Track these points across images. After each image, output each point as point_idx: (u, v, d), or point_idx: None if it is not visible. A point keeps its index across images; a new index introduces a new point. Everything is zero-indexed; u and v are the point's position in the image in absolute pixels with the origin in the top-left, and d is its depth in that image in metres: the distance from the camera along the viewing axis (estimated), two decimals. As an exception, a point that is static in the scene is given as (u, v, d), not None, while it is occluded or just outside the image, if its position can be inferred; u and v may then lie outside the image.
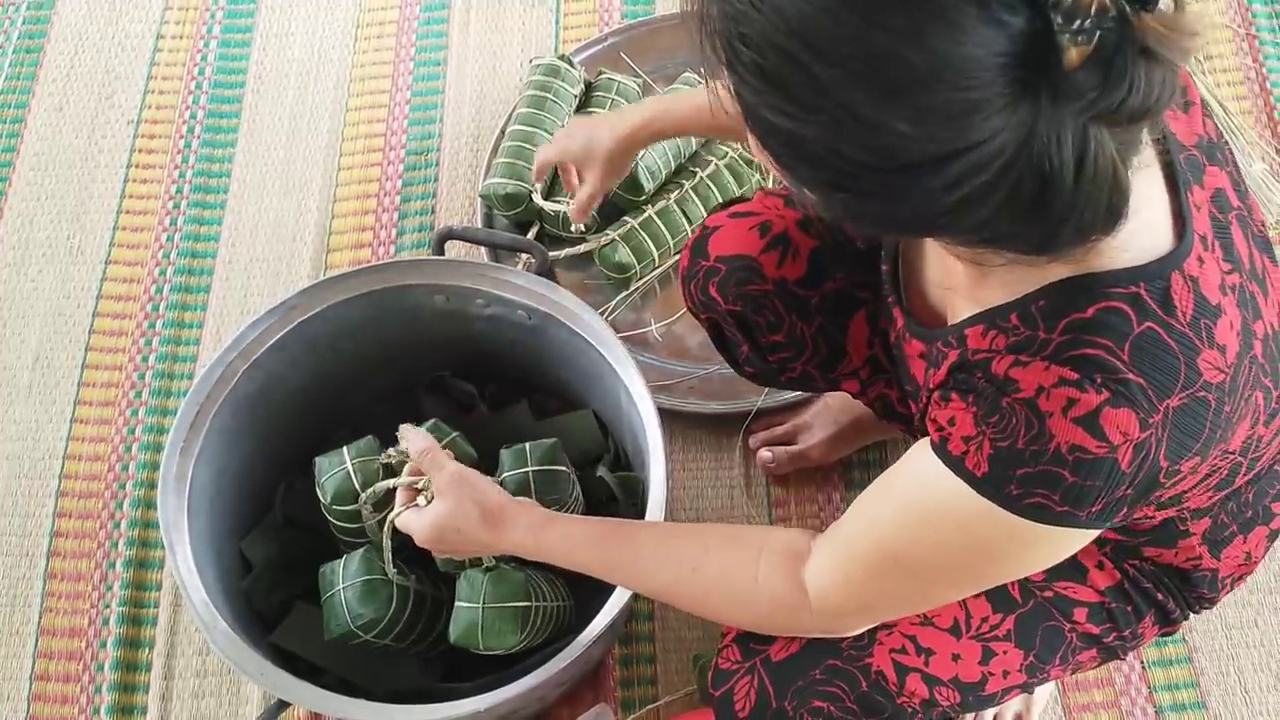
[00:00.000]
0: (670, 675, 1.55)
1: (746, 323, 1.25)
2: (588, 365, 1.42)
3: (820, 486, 1.67)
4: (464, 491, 1.14)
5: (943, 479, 0.86)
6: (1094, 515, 0.83)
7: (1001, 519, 0.84)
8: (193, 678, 1.57)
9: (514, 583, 1.26)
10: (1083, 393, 0.79)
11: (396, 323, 1.46)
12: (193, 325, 1.81)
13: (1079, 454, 0.80)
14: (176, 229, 1.89)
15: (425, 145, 1.95)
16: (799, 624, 1.07)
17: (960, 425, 0.85)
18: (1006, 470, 0.82)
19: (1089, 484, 0.81)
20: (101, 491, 1.68)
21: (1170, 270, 0.81)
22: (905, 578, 0.96)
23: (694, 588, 1.07)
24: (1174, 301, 0.81)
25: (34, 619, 1.61)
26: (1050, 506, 0.82)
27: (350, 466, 1.33)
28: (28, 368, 1.78)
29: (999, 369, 0.83)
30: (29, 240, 1.89)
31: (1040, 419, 0.80)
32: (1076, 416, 0.79)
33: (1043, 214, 0.71)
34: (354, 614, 1.30)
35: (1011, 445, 0.81)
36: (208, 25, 2.09)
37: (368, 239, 1.87)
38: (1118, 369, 0.79)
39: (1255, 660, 1.55)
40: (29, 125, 1.99)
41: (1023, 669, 1.13)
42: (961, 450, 0.85)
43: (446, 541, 1.15)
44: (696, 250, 1.25)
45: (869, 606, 1.04)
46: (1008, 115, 0.67)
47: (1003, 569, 0.95)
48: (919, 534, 0.91)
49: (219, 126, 1.98)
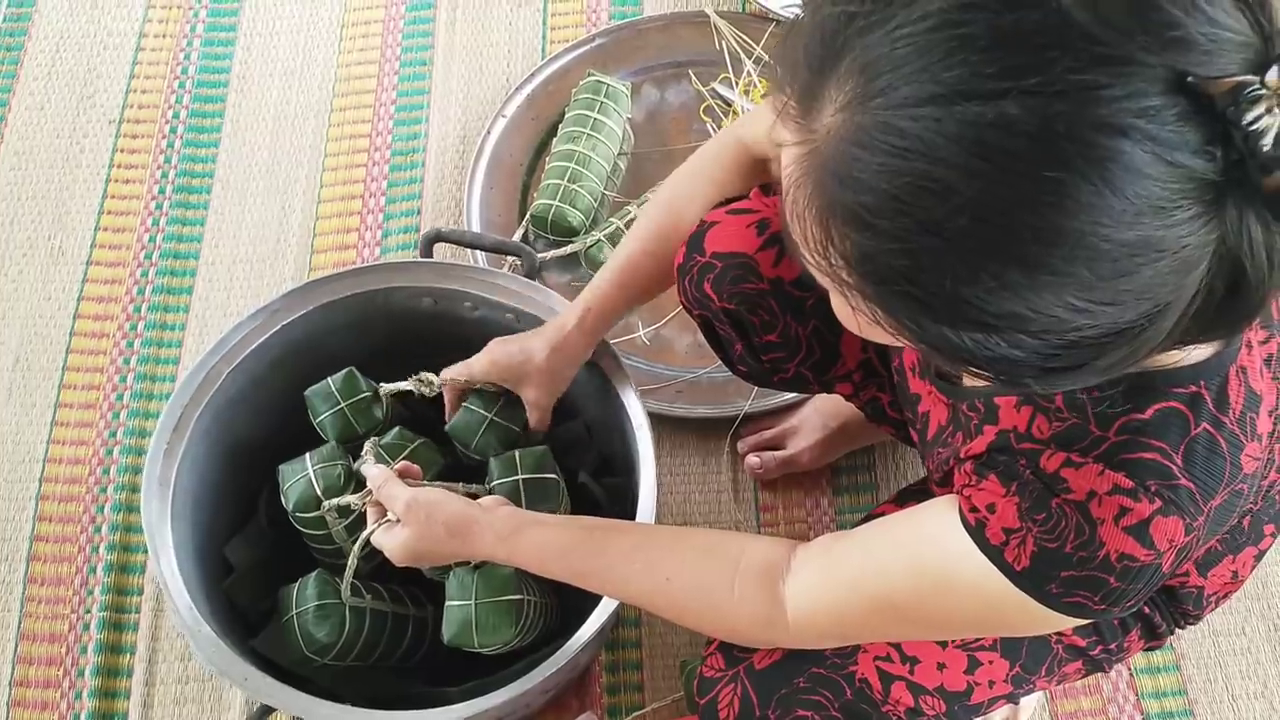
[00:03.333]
0: (657, 682, 1.54)
1: (741, 321, 1.23)
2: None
3: (808, 491, 1.66)
4: (423, 513, 1.13)
5: (972, 558, 0.85)
6: (1126, 609, 0.83)
7: (1032, 608, 0.84)
8: (175, 684, 1.55)
9: (504, 577, 1.25)
10: (1137, 502, 0.78)
11: (383, 325, 1.44)
12: (175, 327, 1.79)
13: (1127, 562, 0.79)
14: (159, 230, 1.87)
15: (411, 146, 1.94)
16: (774, 639, 1.06)
17: (1002, 515, 0.83)
18: (1050, 570, 0.81)
19: (1131, 587, 0.81)
20: (82, 495, 1.66)
21: (1228, 365, 0.80)
22: (900, 624, 0.96)
23: (668, 598, 1.07)
24: (1229, 398, 0.80)
25: (13, 624, 1.59)
26: (1088, 605, 0.82)
27: (311, 474, 1.32)
28: (7, 369, 1.76)
29: (1049, 465, 0.82)
30: (9, 240, 1.86)
31: (1091, 525, 0.79)
32: (1128, 526, 0.78)
33: (1237, 312, 0.68)
34: (308, 639, 1.28)
35: (1059, 548, 0.80)
36: (191, 24, 2.07)
37: (353, 240, 1.86)
38: (1171, 474, 0.78)
39: (1242, 668, 1.55)
40: (9, 124, 1.97)
41: (1008, 679, 1.12)
42: (1001, 540, 0.83)
43: (423, 558, 1.16)
44: (692, 245, 1.23)
45: (852, 639, 1.05)
46: (1207, 249, 0.63)
47: (1011, 634, 0.95)
48: (934, 598, 0.90)
49: (202, 126, 1.97)
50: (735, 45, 1.96)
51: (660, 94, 1.96)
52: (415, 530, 1.13)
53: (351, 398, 1.38)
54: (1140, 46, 0.59)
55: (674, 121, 1.94)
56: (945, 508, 0.89)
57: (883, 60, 0.63)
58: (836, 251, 0.68)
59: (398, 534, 1.15)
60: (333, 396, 1.38)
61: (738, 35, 1.96)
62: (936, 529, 0.89)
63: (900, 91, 0.62)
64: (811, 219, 0.69)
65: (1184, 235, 0.62)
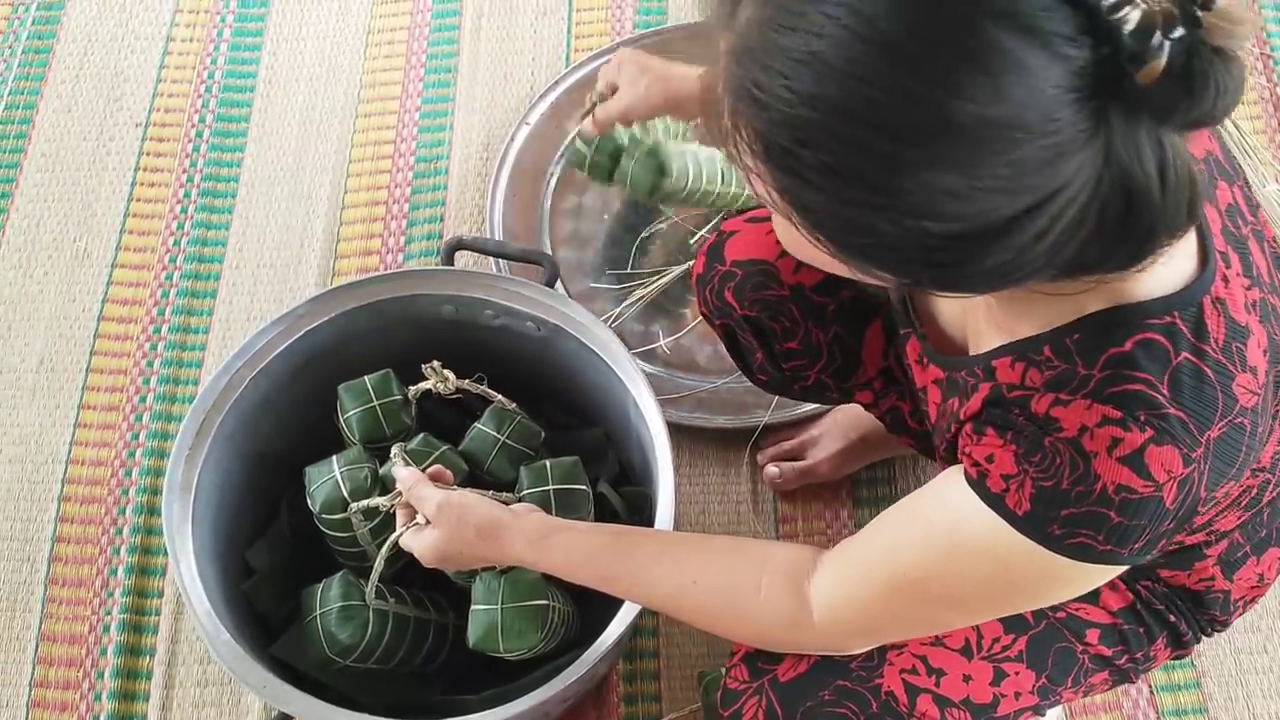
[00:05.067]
0: (674, 693, 1.54)
1: (762, 329, 1.24)
2: (596, 378, 1.42)
3: (828, 503, 1.66)
4: (455, 514, 1.13)
5: (977, 513, 0.85)
6: (1135, 552, 0.82)
7: (1040, 556, 0.83)
8: (193, 687, 1.55)
9: (531, 582, 1.25)
10: (1127, 431, 0.78)
11: (404, 332, 1.45)
12: (198, 330, 1.80)
13: (1125, 494, 0.79)
14: (184, 233, 1.88)
15: (435, 153, 1.94)
16: (800, 640, 1.06)
17: (1000, 463, 0.84)
18: (1050, 510, 0.81)
19: (1134, 523, 0.80)
20: (104, 497, 1.67)
21: (1200, 295, 0.80)
22: (922, 604, 0.95)
23: (695, 601, 1.06)
24: (1207, 328, 0.80)
25: (34, 625, 1.60)
26: (1093, 546, 0.82)
27: (338, 475, 1.32)
28: (32, 370, 1.77)
29: (1039, 407, 0.82)
30: (35, 242, 1.88)
31: (1085, 459, 0.79)
32: (1122, 456, 0.78)
33: (1132, 231, 0.70)
34: (330, 640, 1.28)
35: (1056, 485, 0.81)
36: (218, 29, 2.08)
37: (376, 246, 1.86)
38: (1159, 404, 0.78)
39: (1264, 686, 1.53)
40: (37, 126, 1.98)
41: (1035, 690, 1.11)
42: (1001, 488, 0.84)
43: (451, 560, 1.16)
44: (712, 255, 1.24)
45: (877, 629, 1.03)
46: (1090, 146, 0.66)
47: (1029, 601, 0.94)
48: (946, 564, 0.90)
49: (228, 131, 1.98)
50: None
51: (684, 103, 1.95)
52: (446, 532, 1.13)
53: (384, 398, 1.39)
54: None
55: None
56: (950, 476, 0.90)
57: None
58: (743, 141, 0.72)
59: (427, 535, 1.15)
60: (366, 394, 1.39)
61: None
62: (943, 492, 0.90)
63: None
64: (726, 110, 0.72)
65: (1054, 117, 0.65)
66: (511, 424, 1.40)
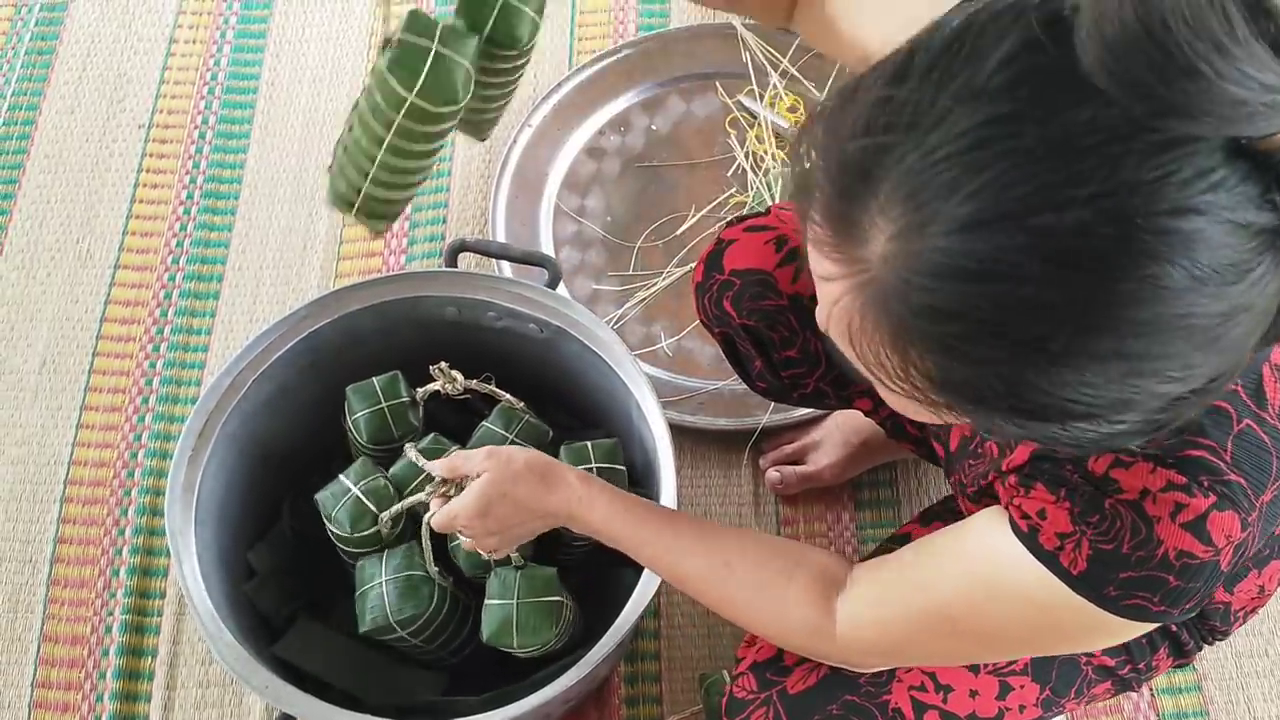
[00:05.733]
0: (676, 694, 1.54)
1: (760, 338, 1.24)
2: (599, 380, 1.42)
3: (829, 506, 1.66)
4: (505, 454, 1.11)
5: (1025, 564, 0.84)
6: (1185, 611, 0.82)
7: (1090, 613, 0.83)
8: (195, 688, 1.55)
9: (546, 578, 1.25)
10: (1191, 497, 0.77)
11: (407, 334, 1.45)
12: (201, 332, 1.80)
13: (1186, 559, 0.79)
14: (186, 235, 1.88)
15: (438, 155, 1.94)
16: (818, 649, 1.05)
17: (1053, 520, 0.83)
18: (1108, 572, 0.81)
19: (1191, 586, 0.80)
20: (106, 498, 1.67)
21: (1261, 363, 0.80)
22: (950, 637, 0.94)
23: (723, 584, 1.06)
24: (1265, 393, 0.80)
25: (36, 626, 1.60)
26: (1148, 608, 0.81)
27: (357, 491, 1.31)
28: (34, 372, 1.77)
29: (1097, 467, 0.81)
30: (38, 243, 1.88)
31: (1148, 523, 0.78)
32: (1185, 522, 0.78)
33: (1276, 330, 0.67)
34: (394, 608, 1.27)
35: (1116, 549, 0.80)
36: (221, 30, 2.08)
37: (378, 248, 1.86)
38: (1221, 470, 0.78)
39: (1265, 689, 1.54)
40: (40, 128, 1.98)
41: (1039, 703, 1.11)
42: (1055, 545, 0.83)
43: (493, 513, 1.11)
44: (711, 264, 1.24)
45: (898, 654, 1.03)
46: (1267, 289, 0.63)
47: (1066, 648, 0.94)
48: (985, 606, 0.89)
49: (231, 133, 1.98)
50: (761, 58, 1.96)
51: (686, 105, 1.96)
52: (494, 474, 1.10)
53: (392, 400, 1.39)
54: (1200, 125, 0.58)
55: (699, 133, 1.94)
56: (993, 519, 0.88)
57: (928, 184, 0.62)
58: (920, 374, 0.67)
59: (473, 487, 1.11)
60: (374, 396, 1.39)
61: (764, 48, 1.96)
62: (986, 539, 0.88)
63: (959, 213, 0.61)
64: (884, 346, 0.67)
65: (1265, 288, 0.62)
66: (519, 423, 1.40)
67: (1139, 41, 0.57)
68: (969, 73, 0.62)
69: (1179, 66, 0.56)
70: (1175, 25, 0.56)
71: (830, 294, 0.69)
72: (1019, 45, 0.61)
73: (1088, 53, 0.59)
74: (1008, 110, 0.60)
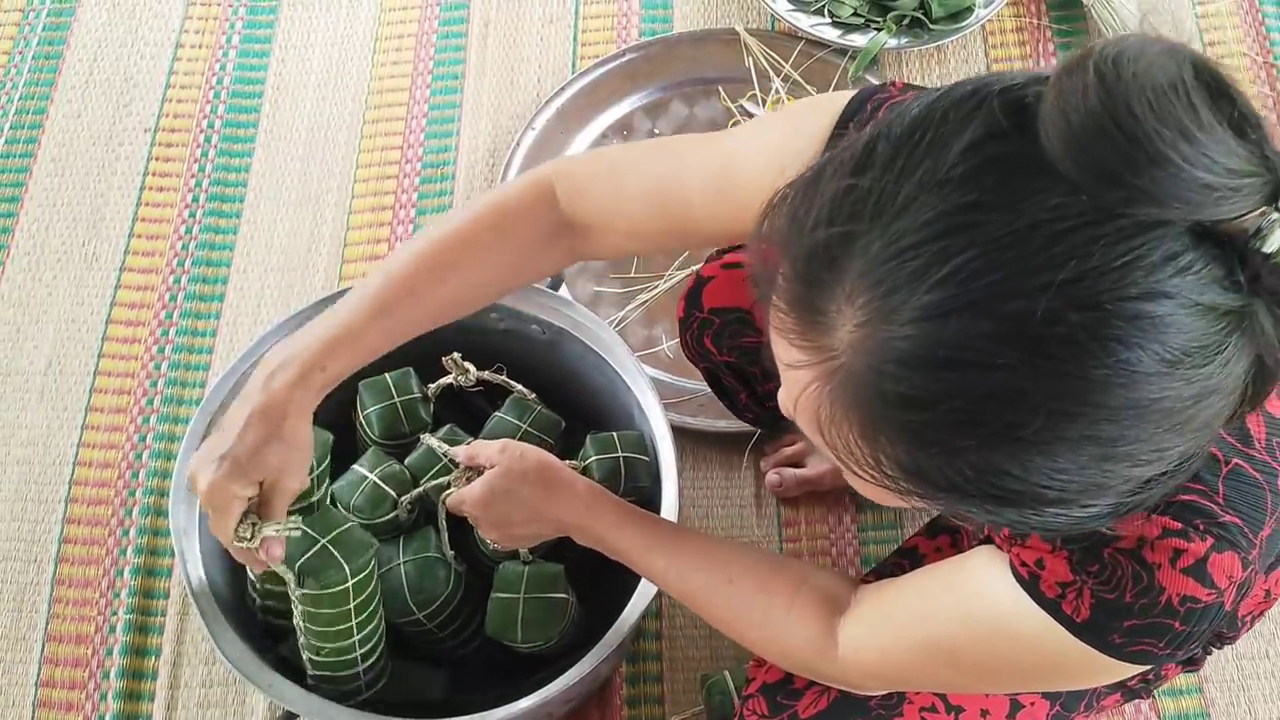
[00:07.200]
0: (677, 695, 1.55)
1: (743, 373, 1.24)
2: (601, 381, 1.42)
3: (830, 508, 1.66)
4: (518, 450, 1.13)
5: (1027, 610, 0.83)
6: (1189, 650, 0.82)
7: (1095, 658, 0.82)
8: (199, 687, 1.56)
9: (553, 574, 1.25)
10: (1189, 543, 0.77)
11: (411, 335, 1.45)
12: (206, 334, 1.81)
13: (1190, 604, 0.78)
14: (192, 237, 1.89)
15: (442, 159, 1.95)
16: (820, 670, 1.04)
17: (1052, 570, 0.82)
18: (1112, 621, 0.80)
19: (1195, 629, 0.79)
20: (111, 499, 1.68)
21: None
22: (950, 669, 0.94)
23: (724, 601, 1.06)
24: (1250, 431, 0.79)
25: (41, 625, 1.61)
26: (1153, 652, 0.81)
27: (373, 478, 1.32)
28: (40, 372, 1.78)
29: None
30: (44, 245, 1.89)
31: (1149, 571, 0.78)
32: (1185, 567, 0.77)
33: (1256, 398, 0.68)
34: (413, 588, 1.28)
35: (1119, 598, 0.79)
36: (226, 34, 2.09)
37: (383, 250, 1.87)
38: (1215, 513, 0.77)
39: (1266, 691, 1.54)
40: (47, 131, 2.00)
41: (1049, 719, 1.12)
42: (1057, 594, 0.82)
43: (496, 506, 1.13)
44: (690, 301, 1.24)
45: (901, 681, 1.02)
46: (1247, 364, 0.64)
47: (1069, 685, 0.93)
48: (987, 644, 0.88)
49: (236, 136, 1.99)
50: (764, 63, 1.96)
51: (689, 109, 1.97)
52: (504, 467, 1.12)
53: (405, 395, 1.39)
54: (1168, 211, 0.58)
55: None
56: (994, 559, 0.87)
57: (895, 272, 0.62)
58: (890, 461, 0.67)
59: (485, 477, 1.13)
60: (387, 391, 1.39)
61: (766, 53, 1.97)
62: (985, 582, 0.87)
63: (927, 300, 0.61)
64: (854, 434, 0.67)
65: (1233, 369, 0.62)
66: (533, 414, 1.41)
67: (1105, 130, 0.57)
68: (932, 161, 0.62)
69: (1147, 155, 0.56)
70: (1141, 113, 0.56)
71: (797, 381, 0.69)
72: (982, 133, 0.62)
73: (1052, 141, 0.59)
74: (973, 198, 0.60)
